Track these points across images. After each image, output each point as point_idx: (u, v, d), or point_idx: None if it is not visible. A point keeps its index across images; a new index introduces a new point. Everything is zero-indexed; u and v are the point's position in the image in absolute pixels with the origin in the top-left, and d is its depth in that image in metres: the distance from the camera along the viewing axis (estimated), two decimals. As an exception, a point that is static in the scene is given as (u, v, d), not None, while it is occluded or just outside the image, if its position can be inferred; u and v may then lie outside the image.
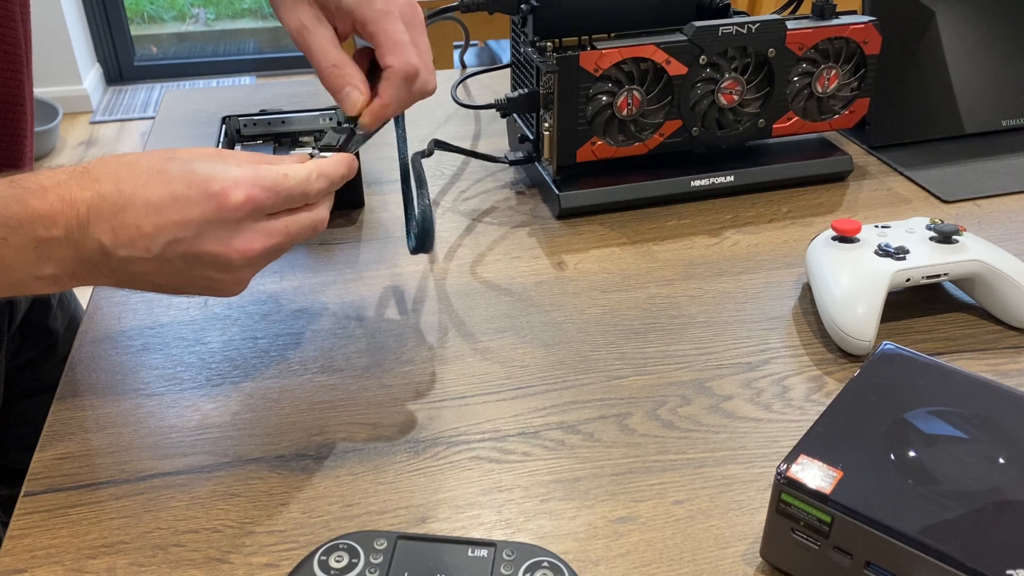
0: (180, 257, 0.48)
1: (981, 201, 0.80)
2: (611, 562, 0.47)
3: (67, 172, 0.48)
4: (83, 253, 0.47)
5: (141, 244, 0.47)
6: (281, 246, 0.51)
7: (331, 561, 0.44)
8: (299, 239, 0.52)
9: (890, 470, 0.43)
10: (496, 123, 0.95)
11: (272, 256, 0.51)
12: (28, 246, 0.46)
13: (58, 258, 0.47)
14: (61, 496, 0.51)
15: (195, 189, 0.47)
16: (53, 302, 0.81)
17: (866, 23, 0.79)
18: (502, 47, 2.51)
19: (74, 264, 0.48)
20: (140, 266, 0.48)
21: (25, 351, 0.78)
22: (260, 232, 0.50)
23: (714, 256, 0.73)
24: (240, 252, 0.49)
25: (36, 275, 0.47)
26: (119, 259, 0.47)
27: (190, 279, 0.50)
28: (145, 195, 0.47)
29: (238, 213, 0.48)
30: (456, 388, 0.59)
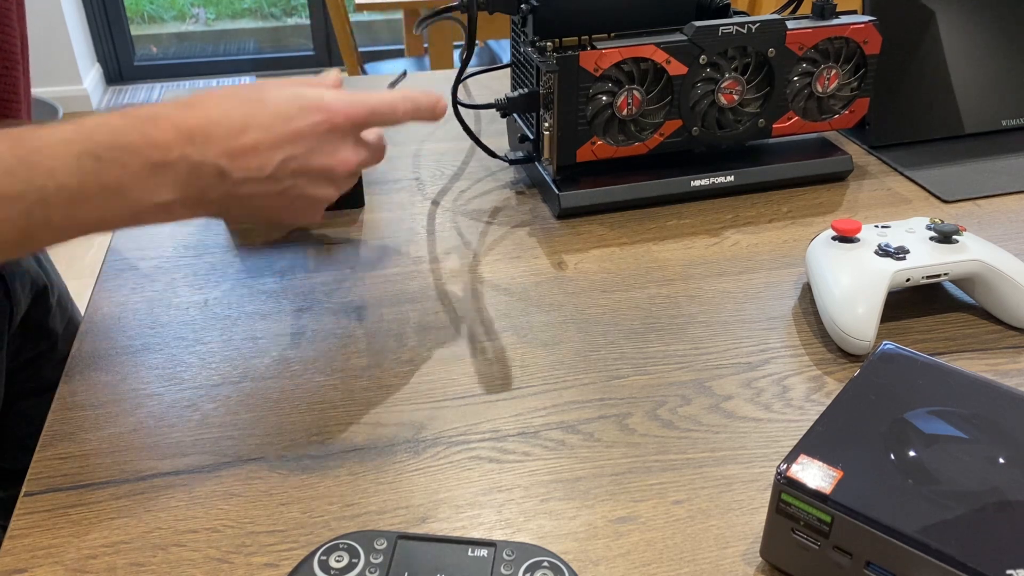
0: (291, 174, 0.52)
1: (981, 201, 0.80)
2: (611, 562, 0.47)
3: (172, 104, 0.50)
4: (198, 178, 0.49)
5: (255, 163, 0.50)
6: (369, 161, 0.57)
7: (331, 561, 0.44)
8: (376, 160, 0.58)
9: (890, 470, 0.43)
10: (496, 123, 0.95)
11: (363, 167, 0.57)
12: (147, 171, 0.48)
13: (174, 182, 0.49)
14: (61, 496, 0.51)
15: (304, 109, 0.52)
16: (52, 302, 0.81)
17: (866, 23, 0.79)
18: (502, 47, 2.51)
19: (188, 189, 0.50)
20: (252, 187, 0.51)
21: (25, 351, 0.78)
22: (359, 146, 0.56)
23: (714, 256, 0.73)
24: (344, 163, 0.54)
25: (154, 201, 0.49)
26: (234, 181, 0.50)
27: (291, 200, 0.53)
28: (257, 119, 0.51)
29: (343, 128, 0.53)
30: (456, 388, 0.59)
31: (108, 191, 0.48)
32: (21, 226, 0.46)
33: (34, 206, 0.46)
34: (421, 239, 0.75)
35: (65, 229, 0.48)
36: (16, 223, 0.46)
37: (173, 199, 0.49)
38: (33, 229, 0.47)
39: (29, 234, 0.47)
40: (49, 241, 0.49)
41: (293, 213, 0.55)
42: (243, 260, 0.72)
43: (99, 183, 0.47)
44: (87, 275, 2.19)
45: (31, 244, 0.49)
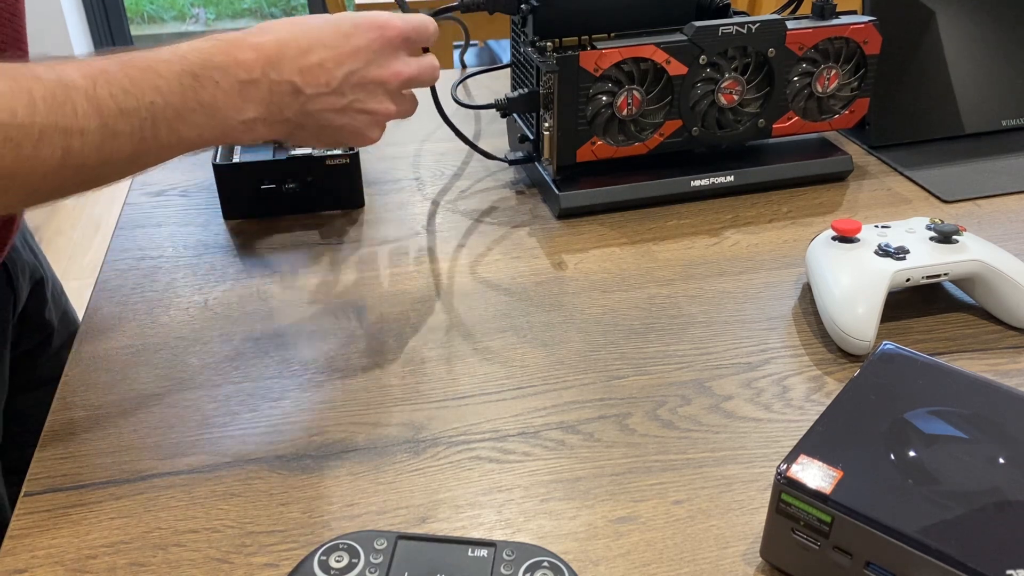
0: (352, 87, 0.58)
1: (981, 201, 0.80)
2: (611, 562, 0.47)
3: (247, 31, 0.56)
4: (276, 95, 0.55)
5: (323, 79, 0.56)
6: (419, 77, 0.61)
7: (331, 561, 0.44)
8: (427, 75, 0.62)
9: (890, 470, 0.43)
10: (496, 123, 0.95)
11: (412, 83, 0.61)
12: (235, 89, 0.53)
13: (257, 100, 0.54)
14: (61, 496, 0.51)
15: (360, 27, 0.58)
16: (47, 295, 0.82)
17: (866, 23, 0.79)
18: (502, 47, 2.51)
19: (269, 107, 0.55)
20: (321, 102, 0.57)
21: (23, 343, 0.79)
22: (409, 61, 0.61)
23: (714, 256, 0.73)
24: (396, 75, 0.60)
25: (240, 119, 0.54)
26: (306, 97, 0.56)
27: (353, 116, 0.59)
28: (320, 38, 0.57)
29: (396, 42, 0.60)
30: (456, 388, 0.59)
31: (204, 107, 0.52)
32: (136, 140, 0.50)
33: (145, 121, 0.50)
34: (421, 239, 0.75)
35: (169, 146, 0.52)
36: (131, 137, 0.49)
37: (256, 116, 0.55)
38: (144, 144, 0.50)
39: (141, 149, 0.50)
40: (154, 158, 0.52)
41: (354, 130, 0.60)
42: (243, 260, 0.72)
43: (197, 100, 0.52)
44: (87, 275, 2.19)
45: (140, 160, 0.52)
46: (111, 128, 0.48)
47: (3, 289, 0.73)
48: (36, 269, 0.80)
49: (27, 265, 0.78)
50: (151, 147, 0.51)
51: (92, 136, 0.48)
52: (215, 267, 0.71)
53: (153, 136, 0.50)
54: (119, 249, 0.74)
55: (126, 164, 0.51)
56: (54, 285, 0.84)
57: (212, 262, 0.72)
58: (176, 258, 0.72)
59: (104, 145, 0.48)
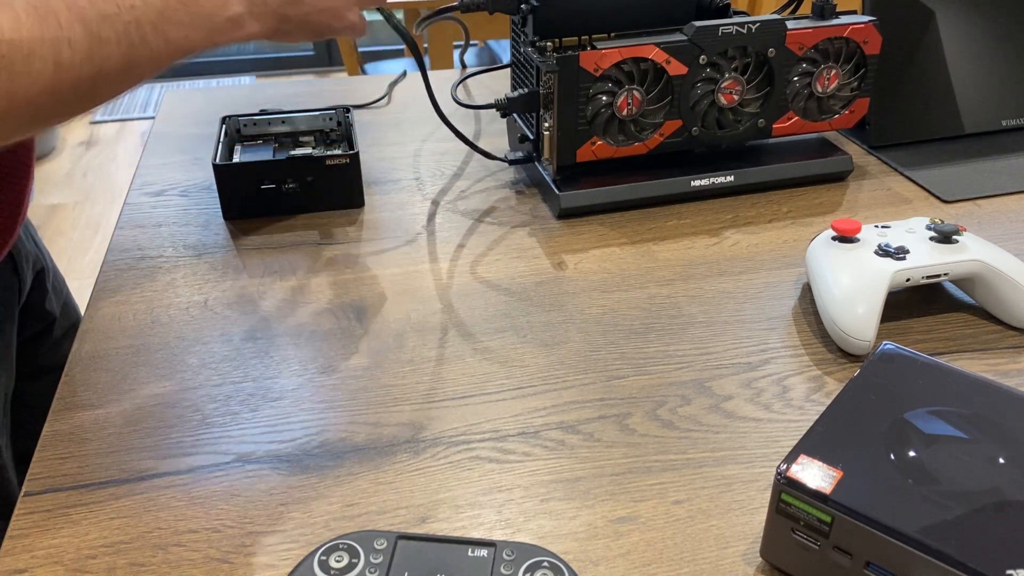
0: None
1: (981, 201, 0.80)
2: (611, 562, 0.47)
3: None
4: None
5: None
6: None
7: (331, 561, 0.44)
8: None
9: (890, 470, 0.43)
10: (496, 123, 0.95)
11: None
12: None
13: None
14: (61, 496, 0.51)
15: None
16: (48, 286, 0.82)
17: (866, 23, 0.79)
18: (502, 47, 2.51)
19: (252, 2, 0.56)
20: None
21: (24, 331, 0.79)
22: None
23: (714, 256, 0.73)
24: None
25: (226, 15, 0.55)
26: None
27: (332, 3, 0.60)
28: None
29: None
30: (456, 388, 0.59)
31: (187, 7, 0.52)
32: (124, 47, 0.49)
33: (129, 25, 0.49)
34: (421, 239, 0.75)
35: (159, 51, 0.52)
36: (119, 44, 0.49)
37: (242, 11, 0.56)
38: (133, 50, 0.50)
39: (131, 56, 0.50)
40: (148, 65, 0.52)
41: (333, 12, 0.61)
42: (243, 260, 0.72)
43: (179, 2, 0.52)
44: (87, 275, 2.19)
45: (135, 70, 0.51)
46: (96, 34, 0.48)
47: (9, 277, 0.74)
48: (38, 259, 0.81)
49: (30, 254, 0.79)
50: (141, 53, 0.51)
51: (80, 44, 0.47)
52: (215, 267, 0.71)
53: (141, 40, 0.50)
54: (119, 249, 0.74)
55: (121, 74, 0.50)
56: (55, 275, 0.85)
57: (212, 262, 0.72)
58: (176, 258, 0.72)
59: (93, 53, 0.48)
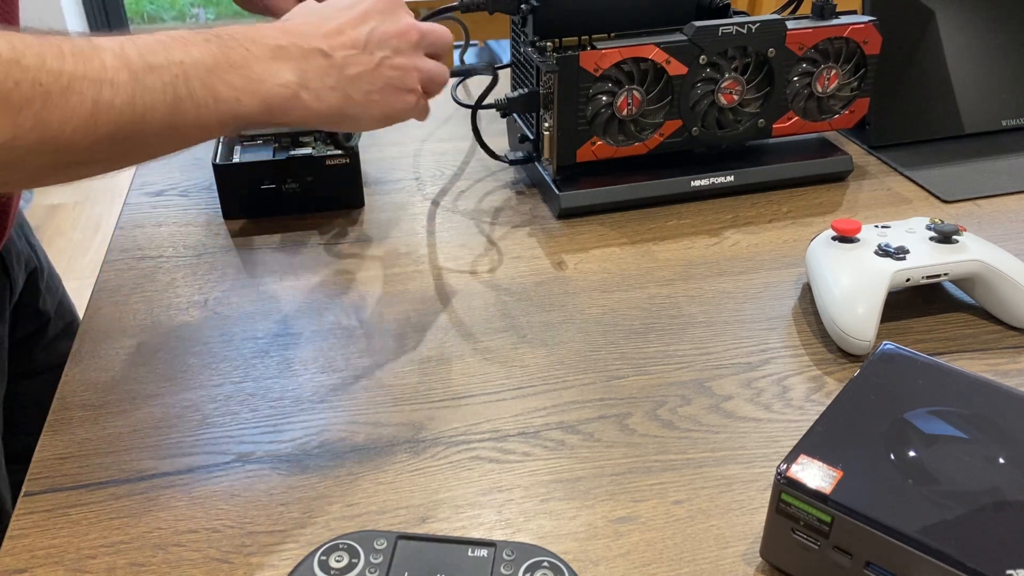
0: (378, 43, 0.58)
1: (981, 201, 0.80)
2: (611, 562, 0.47)
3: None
4: (309, 62, 0.55)
5: (349, 40, 0.57)
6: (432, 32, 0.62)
7: (331, 561, 0.44)
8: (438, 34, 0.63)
9: (890, 470, 0.43)
10: (496, 123, 0.95)
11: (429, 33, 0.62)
12: (265, 53, 0.53)
13: (291, 64, 0.54)
14: (61, 496, 0.51)
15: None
16: (42, 285, 0.82)
17: (866, 23, 0.79)
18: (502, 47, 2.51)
19: (305, 73, 0.55)
20: (354, 65, 0.57)
21: (19, 330, 0.79)
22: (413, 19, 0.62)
23: (714, 256, 0.73)
24: (411, 26, 0.60)
25: (278, 81, 0.53)
26: (339, 61, 0.56)
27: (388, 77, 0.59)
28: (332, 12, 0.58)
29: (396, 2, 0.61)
30: (456, 388, 0.59)
31: (236, 68, 0.52)
32: (169, 98, 0.48)
33: (176, 78, 0.49)
34: (421, 239, 0.75)
35: (206, 105, 0.50)
36: (164, 93, 0.48)
37: (295, 80, 0.54)
38: (179, 103, 0.49)
39: (177, 108, 0.49)
40: (193, 121, 0.50)
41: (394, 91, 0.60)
42: (243, 260, 0.72)
43: (228, 60, 0.51)
44: (87, 275, 2.19)
45: (179, 122, 0.50)
46: (142, 82, 0.47)
47: (0, 277, 0.74)
48: (31, 259, 0.81)
49: (22, 254, 0.79)
50: (187, 108, 0.49)
51: (123, 87, 0.46)
52: (215, 267, 0.71)
53: (188, 94, 0.49)
54: (119, 249, 0.74)
55: (164, 128, 0.49)
56: (50, 275, 0.85)
57: (212, 262, 0.72)
58: (176, 258, 0.72)
59: (136, 99, 0.47)
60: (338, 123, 0.58)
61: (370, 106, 0.58)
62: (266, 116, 0.53)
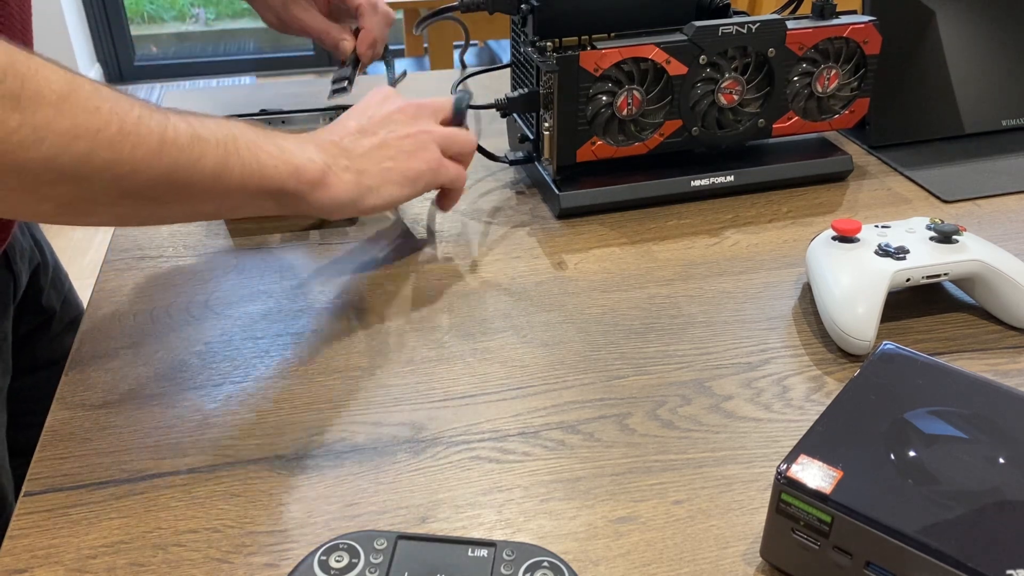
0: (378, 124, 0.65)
1: (981, 201, 0.80)
2: (611, 562, 0.47)
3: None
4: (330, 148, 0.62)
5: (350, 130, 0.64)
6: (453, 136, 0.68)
7: (331, 561, 0.44)
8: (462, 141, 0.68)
9: (890, 470, 0.43)
10: (496, 123, 0.95)
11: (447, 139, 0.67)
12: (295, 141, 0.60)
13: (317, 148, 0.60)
14: (61, 496, 0.51)
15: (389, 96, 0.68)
16: (45, 282, 0.83)
17: (866, 23, 0.79)
18: (502, 47, 2.51)
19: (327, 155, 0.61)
20: (360, 145, 0.64)
21: (23, 325, 0.80)
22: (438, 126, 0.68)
23: (714, 256, 0.73)
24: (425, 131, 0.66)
25: (308, 157, 0.59)
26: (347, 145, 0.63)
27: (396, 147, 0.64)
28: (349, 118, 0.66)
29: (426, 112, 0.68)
30: (456, 388, 0.59)
31: (274, 140, 0.58)
32: (220, 151, 0.54)
33: (227, 137, 0.54)
34: (421, 239, 0.75)
35: (251, 169, 0.55)
36: (216, 146, 0.53)
37: (320, 159, 0.60)
38: (228, 158, 0.54)
39: (225, 162, 0.54)
40: (239, 182, 0.55)
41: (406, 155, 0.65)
42: (243, 260, 0.72)
43: (267, 135, 0.58)
44: (87, 275, 2.19)
45: (226, 179, 0.54)
46: (197, 132, 0.52)
47: (3, 272, 0.74)
48: (35, 255, 0.82)
49: (25, 251, 0.79)
50: (233, 163, 0.54)
51: (184, 132, 0.52)
52: (215, 267, 0.71)
53: (235, 151, 0.54)
54: (119, 249, 0.74)
55: (213, 177, 0.53)
56: (55, 271, 0.86)
57: (212, 262, 0.72)
58: (176, 258, 0.72)
59: (195, 144, 0.52)
60: (363, 198, 0.62)
61: (387, 173, 0.63)
62: (296, 188, 0.58)
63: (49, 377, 0.59)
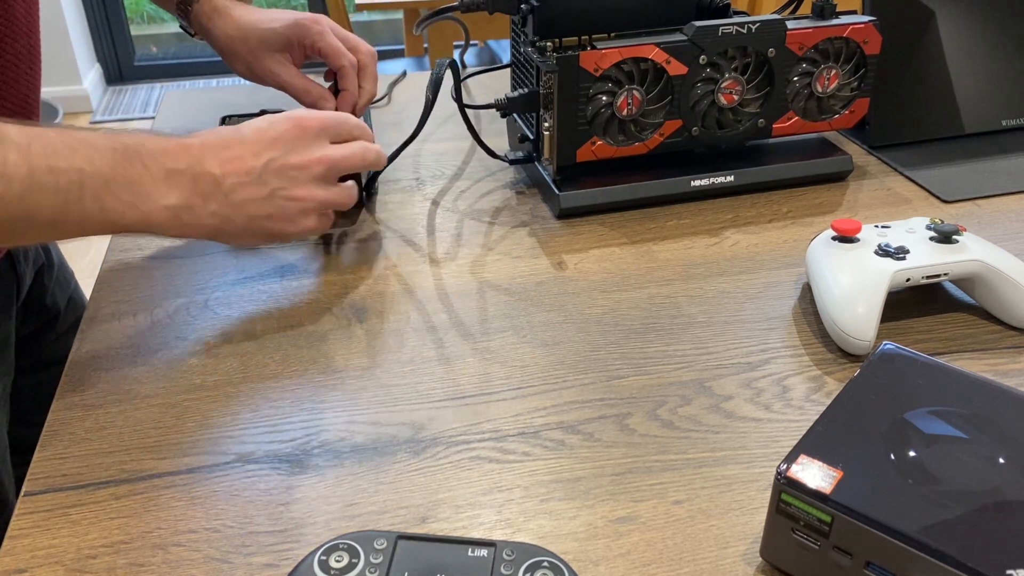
0: (274, 174, 0.61)
1: (981, 201, 0.80)
2: (611, 562, 0.47)
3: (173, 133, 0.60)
4: (199, 184, 0.58)
5: (244, 168, 0.60)
6: (346, 160, 0.65)
7: (331, 561, 0.44)
8: (354, 161, 0.65)
9: (890, 470, 0.43)
10: (496, 123, 0.95)
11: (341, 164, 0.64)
12: (160, 174, 0.56)
13: (181, 188, 0.57)
14: (61, 496, 0.51)
15: (275, 120, 0.63)
16: (49, 282, 0.83)
17: (866, 23, 0.79)
18: (502, 47, 2.51)
19: (191, 196, 0.58)
20: (243, 192, 0.60)
21: (28, 325, 0.80)
22: (330, 148, 0.64)
23: (714, 256, 0.73)
24: (319, 160, 0.63)
25: (164, 203, 0.57)
26: (228, 187, 0.59)
27: (280, 205, 0.61)
28: (240, 136, 0.61)
29: (313, 131, 0.63)
30: (456, 388, 0.59)
31: (131, 185, 0.55)
32: (60, 201, 0.52)
33: (72, 184, 0.52)
34: (421, 239, 0.75)
35: (91, 216, 0.54)
36: (56, 195, 0.52)
37: (179, 204, 0.57)
38: (68, 207, 0.53)
39: (63, 212, 0.53)
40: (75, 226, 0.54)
41: (285, 218, 0.62)
42: (243, 260, 0.72)
43: (125, 176, 0.55)
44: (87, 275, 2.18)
45: (61, 225, 0.54)
46: (38, 181, 0.51)
47: (7, 273, 0.75)
48: (39, 255, 0.82)
49: (30, 251, 0.80)
50: (74, 212, 0.53)
51: (17, 184, 0.50)
52: (215, 267, 0.71)
53: (78, 200, 0.53)
54: (119, 249, 0.74)
55: (47, 225, 0.53)
56: (60, 271, 0.86)
57: (212, 262, 0.72)
58: (176, 258, 0.72)
59: (27, 196, 0.51)
60: (216, 239, 0.62)
61: (252, 228, 0.62)
62: (143, 229, 0.57)
63: (54, 376, 0.60)
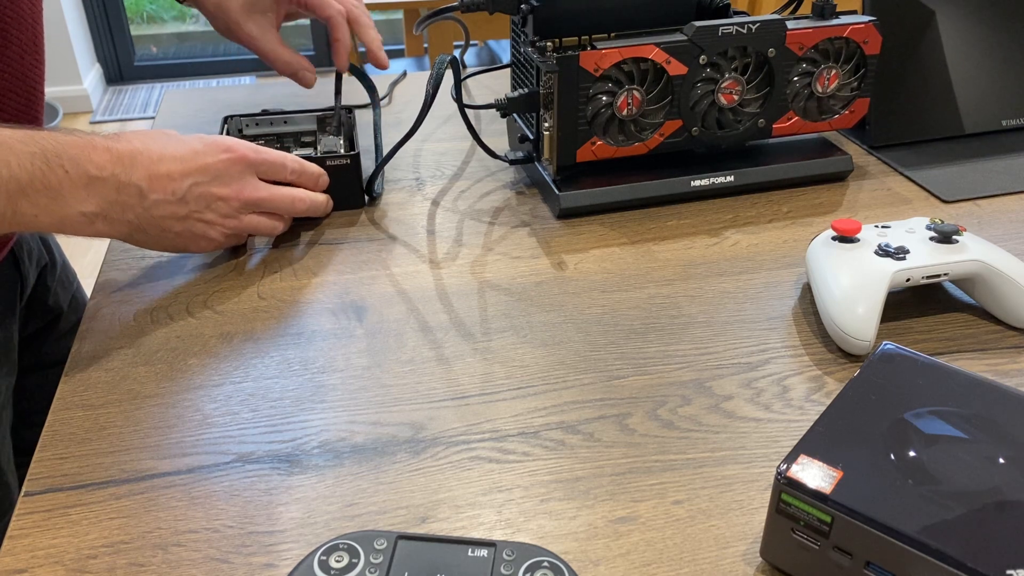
0: (196, 198, 0.62)
1: (981, 201, 0.80)
2: (611, 562, 0.47)
3: (105, 135, 0.60)
4: (122, 195, 0.58)
5: (170, 188, 0.61)
6: (268, 200, 0.67)
7: (331, 561, 0.44)
8: (279, 204, 0.68)
9: (890, 470, 0.43)
10: (496, 123, 0.95)
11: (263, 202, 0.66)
12: (81, 181, 0.56)
13: (101, 196, 0.57)
14: (61, 496, 0.51)
15: (213, 146, 0.64)
16: (52, 282, 0.83)
17: (866, 23, 0.79)
18: (502, 47, 2.51)
19: (111, 205, 0.58)
20: (163, 209, 0.61)
21: (30, 325, 0.80)
22: (258, 185, 0.66)
23: (714, 256, 0.73)
24: (238, 194, 0.65)
25: (81, 210, 0.57)
26: (151, 202, 0.60)
27: (191, 225, 0.63)
28: (173, 151, 0.61)
29: (243, 164, 0.65)
30: (456, 388, 0.59)
31: (49, 191, 0.55)
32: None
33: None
34: (421, 239, 0.75)
35: (3, 217, 0.54)
36: None
37: (97, 211, 0.57)
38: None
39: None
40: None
41: (192, 236, 0.65)
42: (243, 260, 0.72)
43: (44, 182, 0.54)
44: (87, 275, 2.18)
45: None
46: None
47: (11, 273, 0.75)
48: (42, 255, 0.82)
49: (33, 251, 0.80)
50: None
51: None
52: (215, 267, 0.71)
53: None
54: (119, 249, 0.74)
55: None
56: (63, 271, 0.86)
57: (212, 262, 0.72)
58: (176, 258, 0.72)
59: None
60: (122, 240, 0.63)
61: (161, 240, 0.63)
62: (56, 231, 0.58)
63: (56, 377, 0.60)
